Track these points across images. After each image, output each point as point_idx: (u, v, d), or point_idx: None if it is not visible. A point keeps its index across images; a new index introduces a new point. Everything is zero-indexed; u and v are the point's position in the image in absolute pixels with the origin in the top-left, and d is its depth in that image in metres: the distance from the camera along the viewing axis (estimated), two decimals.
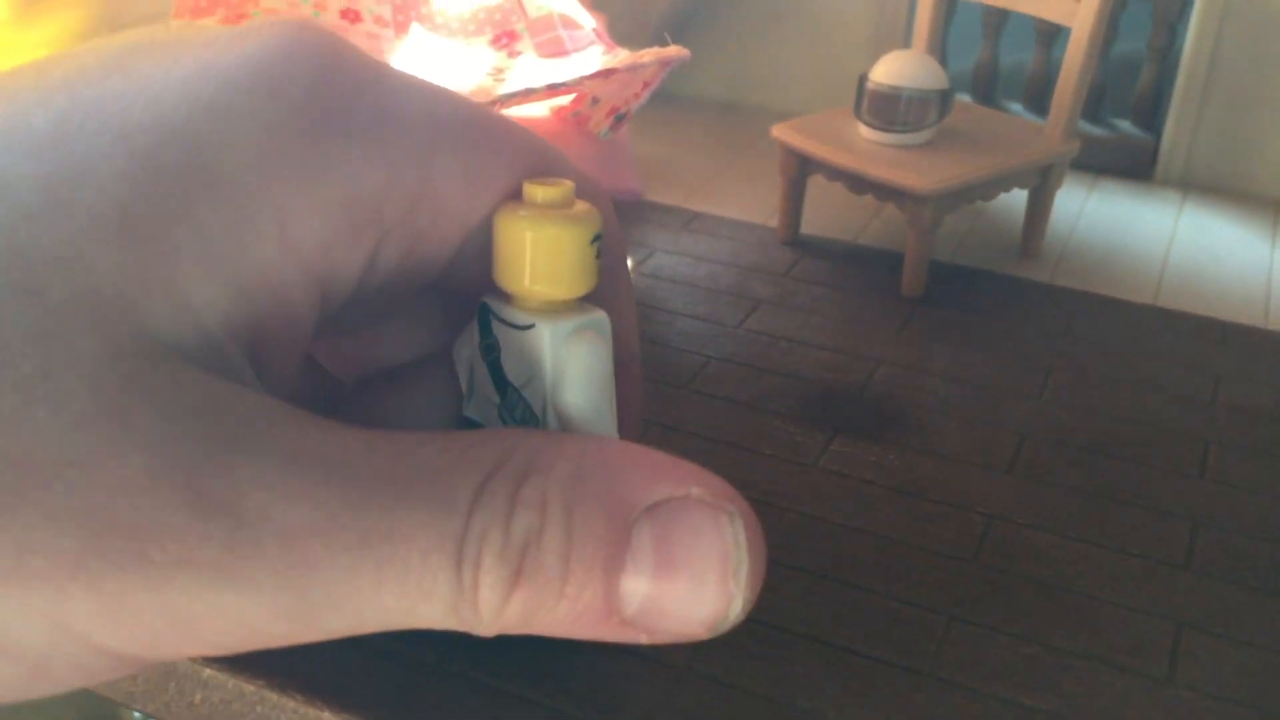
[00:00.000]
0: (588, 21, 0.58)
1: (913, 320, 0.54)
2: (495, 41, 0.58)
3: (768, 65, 0.81)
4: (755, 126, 0.60)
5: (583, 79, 0.44)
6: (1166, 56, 0.73)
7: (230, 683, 0.32)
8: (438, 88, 0.27)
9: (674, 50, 0.44)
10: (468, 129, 0.26)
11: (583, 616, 0.28)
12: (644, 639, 0.30)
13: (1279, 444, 0.46)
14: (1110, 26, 0.73)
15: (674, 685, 0.33)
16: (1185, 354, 0.53)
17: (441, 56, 0.56)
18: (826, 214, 0.64)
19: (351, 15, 0.56)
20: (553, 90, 0.43)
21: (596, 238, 0.29)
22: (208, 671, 0.33)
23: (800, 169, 0.59)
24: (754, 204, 0.66)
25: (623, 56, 0.48)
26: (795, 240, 0.61)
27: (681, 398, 0.47)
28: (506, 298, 0.29)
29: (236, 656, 0.32)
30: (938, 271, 0.59)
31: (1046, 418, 0.47)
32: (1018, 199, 0.62)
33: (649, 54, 0.45)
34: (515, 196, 0.29)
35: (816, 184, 0.65)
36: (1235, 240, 0.65)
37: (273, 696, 0.32)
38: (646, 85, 0.44)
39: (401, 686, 0.32)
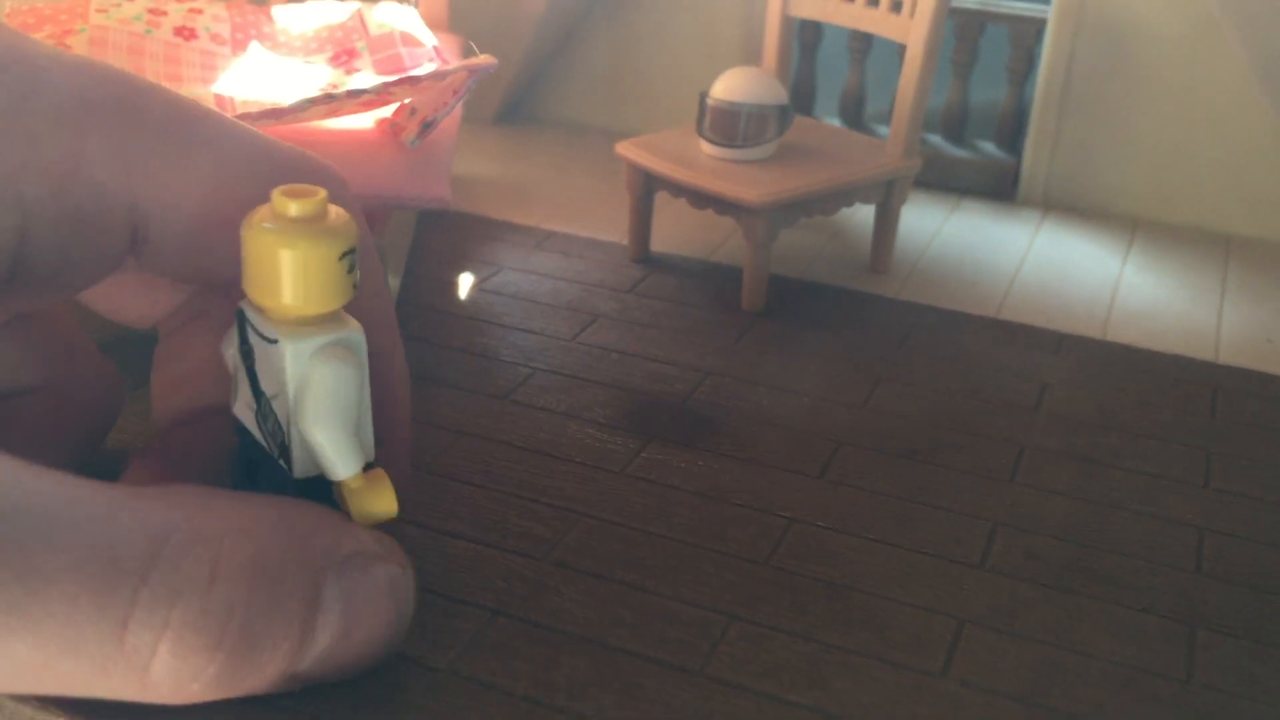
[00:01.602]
0: (429, 39, 0.58)
1: (749, 333, 0.54)
2: (335, 60, 0.57)
3: (635, 92, 0.81)
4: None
5: (387, 85, 0.44)
6: (1025, 80, 0.74)
7: None
8: (114, 75, 0.26)
9: (482, 59, 0.44)
10: (124, 109, 0.26)
11: (267, 679, 0.27)
12: (298, 687, 0.30)
13: (1094, 449, 0.46)
14: (968, 50, 0.74)
15: (433, 688, 0.32)
16: (1017, 364, 0.53)
17: (277, 74, 0.56)
18: (680, 234, 0.65)
19: (186, 33, 0.56)
20: (353, 96, 0.43)
21: (348, 252, 0.28)
22: None
23: (645, 186, 0.59)
24: (611, 225, 0.66)
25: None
26: (645, 258, 0.61)
27: (498, 408, 0.47)
28: (258, 307, 0.29)
29: None
30: (784, 287, 0.59)
31: (866, 425, 0.47)
32: (872, 220, 0.63)
33: (458, 64, 0.45)
34: (264, 204, 0.28)
35: (674, 206, 0.65)
36: (1087, 257, 0.66)
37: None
38: (455, 93, 0.44)
39: None
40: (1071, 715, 0.33)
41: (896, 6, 0.59)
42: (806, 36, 0.78)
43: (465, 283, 0.58)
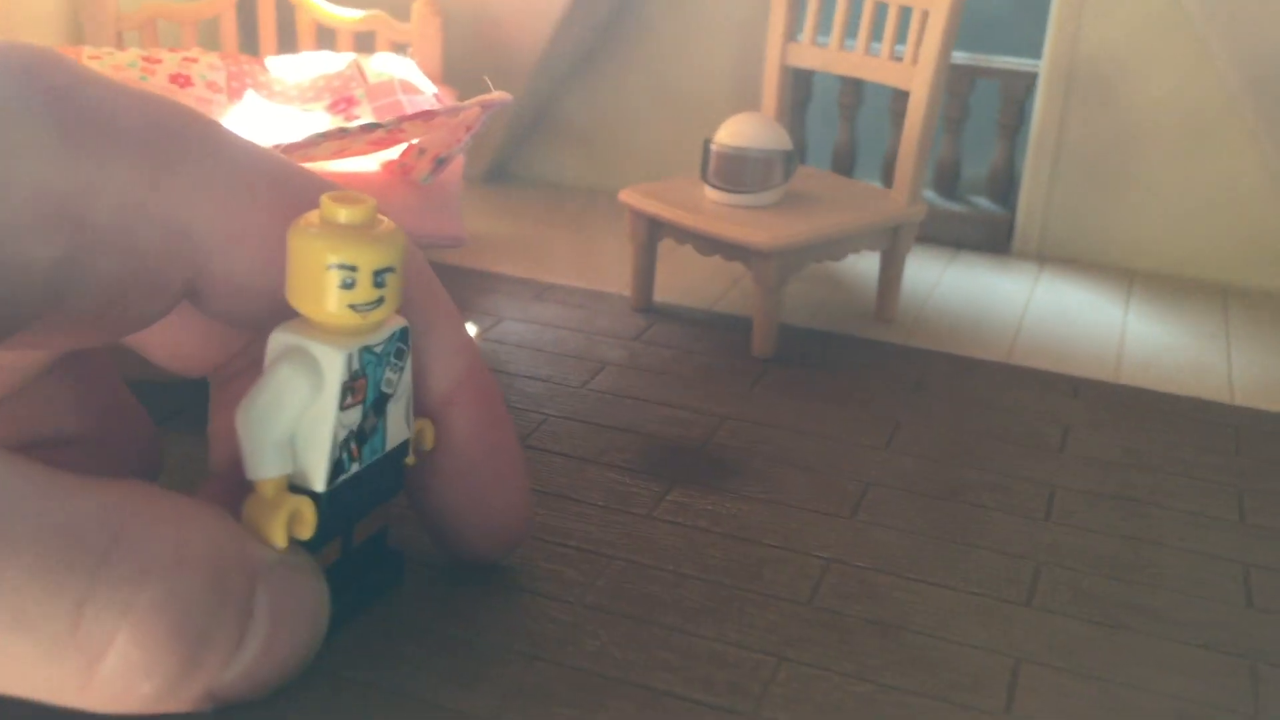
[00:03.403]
0: (428, 87, 0.57)
1: (763, 379, 0.53)
2: (333, 107, 0.56)
3: (619, 151, 0.81)
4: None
5: (401, 120, 0.42)
6: (1016, 134, 0.75)
7: None
8: (178, 107, 0.25)
9: (496, 95, 0.43)
10: (193, 143, 0.24)
11: (198, 690, 0.25)
12: (210, 708, 0.28)
13: (1125, 488, 0.45)
14: (960, 106, 0.75)
15: None
16: (1036, 407, 0.52)
17: (275, 121, 0.55)
18: (683, 283, 0.64)
19: (181, 80, 0.55)
20: (366, 131, 0.42)
21: (341, 266, 0.26)
22: None
23: (649, 233, 0.58)
24: (609, 276, 0.65)
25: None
26: (649, 307, 0.60)
27: None
28: None
29: None
30: (792, 335, 0.58)
31: (893, 466, 0.46)
32: (874, 270, 0.62)
33: (472, 100, 0.44)
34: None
35: (674, 256, 0.65)
36: (1089, 305, 0.66)
37: None
38: (468, 129, 0.43)
39: None
40: None
41: (897, 55, 0.59)
42: (797, 93, 0.78)
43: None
